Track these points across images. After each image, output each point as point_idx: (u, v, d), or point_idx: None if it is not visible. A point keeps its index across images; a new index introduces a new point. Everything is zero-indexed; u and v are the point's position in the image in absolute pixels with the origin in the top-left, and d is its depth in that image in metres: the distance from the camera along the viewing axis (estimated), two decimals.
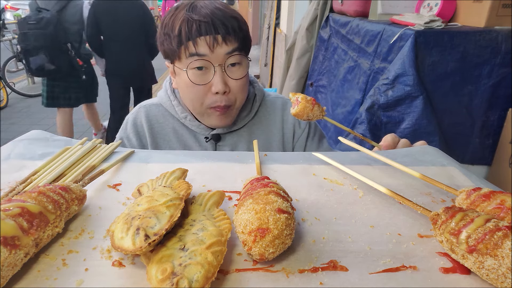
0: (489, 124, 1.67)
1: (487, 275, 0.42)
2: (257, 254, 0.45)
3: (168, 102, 1.00)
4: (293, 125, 1.06)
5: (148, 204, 0.48)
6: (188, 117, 0.99)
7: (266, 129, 1.04)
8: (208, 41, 0.84)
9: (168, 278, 0.38)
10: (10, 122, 4.55)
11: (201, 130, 1.00)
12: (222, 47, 0.85)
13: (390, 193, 0.59)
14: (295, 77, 3.04)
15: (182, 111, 0.99)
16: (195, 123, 0.99)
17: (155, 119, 1.02)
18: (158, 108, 1.02)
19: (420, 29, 1.53)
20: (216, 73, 0.86)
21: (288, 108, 1.06)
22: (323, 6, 2.67)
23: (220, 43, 0.84)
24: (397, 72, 1.55)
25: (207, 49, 0.84)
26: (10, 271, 0.40)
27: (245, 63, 0.91)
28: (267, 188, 0.52)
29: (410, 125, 1.58)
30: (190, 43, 0.84)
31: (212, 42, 0.84)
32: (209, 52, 0.84)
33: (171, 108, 1.00)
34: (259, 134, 1.04)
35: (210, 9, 0.86)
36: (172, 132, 1.01)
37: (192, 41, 0.84)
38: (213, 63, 0.86)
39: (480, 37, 1.51)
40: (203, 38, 0.83)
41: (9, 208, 0.44)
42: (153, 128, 1.01)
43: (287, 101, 1.08)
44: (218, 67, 0.86)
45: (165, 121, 1.01)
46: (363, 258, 0.48)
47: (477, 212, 0.47)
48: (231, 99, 0.91)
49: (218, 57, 0.85)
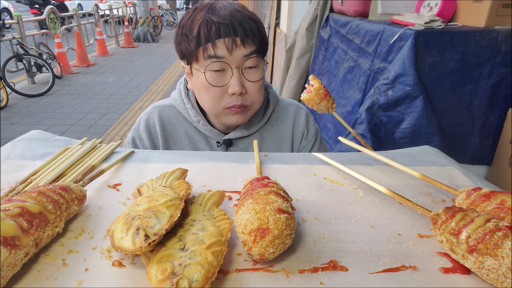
0: (489, 124, 1.67)
1: (487, 275, 0.42)
2: (257, 254, 0.45)
3: (182, 105, 1.00)
4: (302, 134, 1.06)
5: (148, 204, 0.48)
6: (201, 121, 0.99)
7: (277, 135, 1.04)
8: (227, 44, 0.83)
9: (168, 278, 0.38)
10: (10, 122, 4.54)
11: (213, 135, 1.00)
12: (241, 50, 0.85)
13: (390, 193, 0.59)
14: (295, 77, 3.04)
15: (196, 115, 0.99)
16: (208, 128, 0.99)
17: (168, 121, 1.02)
18: (171, 110, 1.02)
19: (420, 29, 1.53)
20: (234, 75, 0.86)
21: (300, 116, 1.06)
22: (323, 6, 2.67)
23: (238, 45, 0.84)
24: (397, 72, 1.55)
25: (226, 51, 0.84)
26: (10, 271, 0.40)
27: (261, 65, 0.91)
28: (267, 188, 0.52)
29: (410, 125, 1.58)
30: (209, 45, 0.84)
31: (231, 45, 0.83)
32: (227, 55, 0.84)
33: (184, 111, 1.00)
34: (270, 140, 1.04)
35: (229, 11, 0.86)
36: (184, 134, 1.01)
37: (211, 43, 0.83)
38: (230, 65, 0.86)
39: (480, 37, 1.51)
40: (222, 40, 0.83)
41: (9, 208, 0.44)
42: (166, 129, 1.01)
43: (299, 108, 1.08)
44: (236, 69, 0.86)
45: (177, 123, 1.01)
46: (363, 258, 0.48)
47: (477, 212, 0.47)
48: (248, 100, 0.91)
49: (236, 59, 0.85)
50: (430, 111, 1.55)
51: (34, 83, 6.16)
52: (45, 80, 6.04)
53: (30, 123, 4.52)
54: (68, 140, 0.82)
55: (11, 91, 5.38)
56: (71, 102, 5.39)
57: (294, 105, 1.08)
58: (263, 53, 0.91)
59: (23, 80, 6.20)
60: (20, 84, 6.04)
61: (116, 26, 10.77)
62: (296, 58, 3.00)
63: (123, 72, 7.42)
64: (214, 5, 0.87)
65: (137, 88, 6.24)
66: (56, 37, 7.10)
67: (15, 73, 6.21)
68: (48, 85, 5.77)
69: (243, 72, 0.87)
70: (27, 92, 5.65)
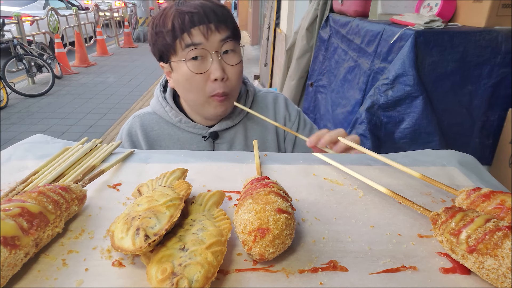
0: (489, 124, 1.67)
1: (487, 275, 0.42)
2: (257, 254, 0.45)
3: (161, 109, 1.03)
4: (284, 118, 1.10)
5: (148, 204, 0.48)
6: (182, 119, 1.01)
7: (260, 123, 1.08)
8: (202, 30, 0.87)
9: (168, 278, 0.38)
10: (10, 122, 4.54)
11: (197, 130, 1.02)
12: (216, 35, 0.88)
13: (390, 193, 0.59)
14: (295, 77, 3.04)
15: (176, 115, 1.02)
16: (191, 124, 1.01)
17: (150, 127, 1.04)
18: (152, 116, 1.05)
19: (420, 29, 1.53)
20: (214, 60, 0.89)
21: (278, 102, 1.11)
22: (323, 6, 2.67)
23: (213, 31, 0.88)
24: (397, 72, 1.55)
25: (202, 37, 0.87)
26: (10, 271, 0.40)
27: (238, 50, 0.95)
28: (267, 188, 0.52)
29: (410, 125, 1.58)
30: (185, 35, 0.87)
31: (206, 31, 0.87)
32: (204, 41, 0.87)
33: (164, 114, 1.03)
34: (254, 128, 1.07)
35: (200, 2, 0.90)
36: (168, 137, 1.03)
37: (187, 32, 0.87)
38: (209, 50, 0.89)
39: (480, 37, 1.51)
40: (197, 28, 0.87)
41: (9, 208, 0.44)
42: (149, 136, 1.04)
43: (277, 95, 1.13)
44: (215, 54, 0.89)
45: (159, 128, 1.04)
46: (363, 258, 0.48)
47: (477, 212, 0.47)
48: (229, 86, 0.94)
49: (213, 44, 0.88)
50: (430, 111, 1.55)
51: (34, 83, 6.16)
52: (45, 80, 6.04)
53: (30, 123, 4.52)
54: (68, 142, 0.83)
55: (11, 91, 5.38)
56: (71, 102, 5.39)
57: (272, 92, 1.13)
58: (238, 39, 0.95)
59: (23, 80, 6.20)
60: (20, 84, 6.04)
61: (116, 28, 10.77)
62: (296, 58, 3.00)
63: (123, 72, 7.42)
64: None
65: (137, 88, 6.24)
66: (56, 37, 7.10)
67: (15, 73, 6.21)
68: (48, 85, 5.77)
69: (222, 57, 0.90)
70: (27, 92, 5.65)
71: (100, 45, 9.03)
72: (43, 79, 6.19)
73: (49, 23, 7.18)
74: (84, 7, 11.54)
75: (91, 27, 9.74)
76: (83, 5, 12.21)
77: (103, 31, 9.27)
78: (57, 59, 6.61)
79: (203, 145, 1.02)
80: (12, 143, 1.53)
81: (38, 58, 5.96)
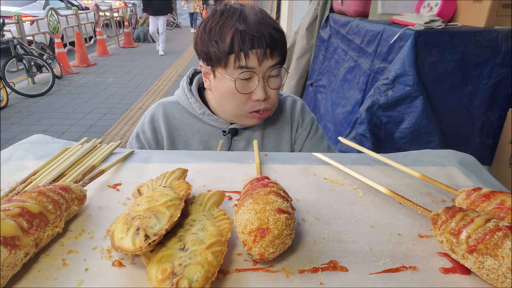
0: (489, 124, 1.67)
1: (487, 275, 0.42)
2: (257, 254, 0.45)
3: (186, 100, 1.06)
4: (297, 122, 1.14)
5: (148, 204, 0.48)
6: (206, 112, 1.05)
7: (278, 125, 1.12)
8: (258, 55, 0.88)
9: (168, 278, 0.38)
10: (10, 122, 4.54)
11: (219, 124, 1.05)
12: (268, 61, 0.90)
13: (390, 193, 0.59)
14: (295, 77, 3.04)
15: (200, 107, 1.05)
16: (213, 118, 1.05)
17: (173, 116, 1.08)
18: (175, 106, 1.09)
19: (420, 29, 1.53)
20: (259, 84, 0.92)
21: (295, 106, 1.14)
22: (323, 6, 2.67)
23: (267, 56, 0.90)
24: (397, 72, 1.55)
25: (256, 62, 0.89)
26: (10, 271, 0.40)
27: (281, 74, 0.98)
28: (267, 188, 0.52)
29: (410, 125, 1.58)
30: (242, 55, 0.88)
31: (262, 56, 0.89)
32: (257, 65, 0.89)
33: (188, 105, 1.06)
34: (271, 129, 1.11)
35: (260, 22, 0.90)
36: (189, 127, 1.07)
37: (244, 53, 0.88)
38: (258, 74, 0.91)
39: (480, 37, 1.51)
40: (255, 51, 0.88)
41: (9, 208, 0.44)
42: (170, 124, 1.07)
43: (296, 100, 1.17)
44: (261, 78, 0.92)
45: (181, 117, 1.07)
46: (363, 258, 0.48)
47: (477, 212, 0.47)
48: (269, 103, 0.98)
49: (263, 69, 0.91)
50: (430, 111, 1.55)
51: (34, 83, 6.16)
52: (45, 80, 6.04)
53: (30, 123, 4.51)
54: (68, 142, 0.83)
55: (11, 91, 5.38)
56: (71, 102, 5.38)
57: (291, 97, 1.17)
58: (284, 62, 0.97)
59: (23, 80, 6.20)
60: (20, 84, 6.03)
61: (116, 28, 10.77)
62: (296, 58, 3.00)
63: (123, 72, 7.41)
64: (244, 13, 0.91)
65: (137, 88, 6.23)
66: (56, 37, 7.10)
67: (15, 73, 6.21)
68: (48, 85, 5.76)
69: (267, 80, 0.93)
70: (27, 92, 5.64)
71: (100, 45, 9.03)
72: (43, 79, 6.18)
73: (49, 23, 7.18)
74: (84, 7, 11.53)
75: (91, 27, 9.73)
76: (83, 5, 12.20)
77: (103, 31, 9.25)
78: (57, 59, 6.60)
79: (221, 139, 1.06)
80: (12, 143, 1.53)
81: (38, 58, 5.95)
